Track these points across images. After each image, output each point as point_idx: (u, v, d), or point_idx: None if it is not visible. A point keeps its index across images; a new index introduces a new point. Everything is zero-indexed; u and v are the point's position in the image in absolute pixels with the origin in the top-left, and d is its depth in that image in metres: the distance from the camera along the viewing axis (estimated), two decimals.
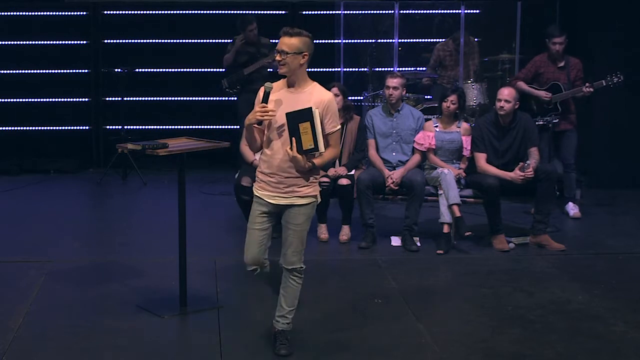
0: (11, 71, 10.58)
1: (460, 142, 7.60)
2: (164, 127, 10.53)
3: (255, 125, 5.02)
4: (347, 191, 7.43)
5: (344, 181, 7.41)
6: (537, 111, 8.20)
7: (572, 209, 8.43)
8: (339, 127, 5.09)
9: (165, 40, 10.68)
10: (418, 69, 10.09)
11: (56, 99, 10.67)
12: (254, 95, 5.00)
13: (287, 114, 4.92)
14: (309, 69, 5.07)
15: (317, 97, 5.00)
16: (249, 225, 5.16)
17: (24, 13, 10.56)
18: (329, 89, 7.59)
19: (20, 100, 10.67)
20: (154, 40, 10.68)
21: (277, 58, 4.96)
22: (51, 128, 10.72)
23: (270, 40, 9.48)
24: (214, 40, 10.45)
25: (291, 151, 4.91)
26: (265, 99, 4.95)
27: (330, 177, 7.39)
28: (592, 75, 8.32)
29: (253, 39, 9.41)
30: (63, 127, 10.75)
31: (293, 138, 4.90)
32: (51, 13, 10.63)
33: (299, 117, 4.89)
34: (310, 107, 4.90)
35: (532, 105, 8.25)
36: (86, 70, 10.74)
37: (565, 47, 8.27)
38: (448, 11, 10.61)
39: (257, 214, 5.10)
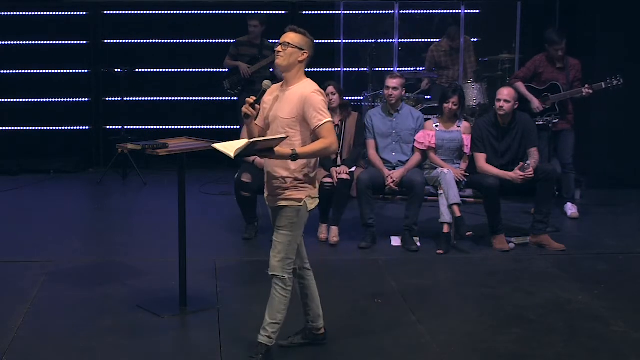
0: (11, 71, 10.57)
1: (461, 141, 7.60)
2: (164, 127, 10.52)
3: (256, 124, 5.04)
4: (344, 185, 7.40)
5: (343, 175, 7.40)
6: (534, 111, 8.18)
7: (570, 209, 8.42)
8: (327, 119, 4.86)
9: (165, 40, 10.66)
10: (418, 69, 10.09)
11: (56, 99, 10.66)
12: (256, 96, 4.99)
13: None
14: (310, 69, 5.06)
15: (298, 93, 4.92)
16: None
17: (24, 13, 10.53)
18: (324, 88, 7.64)
19: (20, 100, 10.65)
20: (154, 40, 10.67)
21: (278, 49, 4.98)
22: (51, 128, 10.70)
23: (271, 41, 9.49)
24: (214, 41, 10.45)
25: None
26: (260, 96, 4.98)
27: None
28: (591, 76, 8.30)
29: (254, 37, 9.41)
30: (63, 127, 10.74)
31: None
32: (51, 13, 10.62)
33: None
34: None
35: (528, 105, 8.22)
36: (86, 70, 10.72)
37: (566, 50, 8.26)
38: (448, 11, 10.61)
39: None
